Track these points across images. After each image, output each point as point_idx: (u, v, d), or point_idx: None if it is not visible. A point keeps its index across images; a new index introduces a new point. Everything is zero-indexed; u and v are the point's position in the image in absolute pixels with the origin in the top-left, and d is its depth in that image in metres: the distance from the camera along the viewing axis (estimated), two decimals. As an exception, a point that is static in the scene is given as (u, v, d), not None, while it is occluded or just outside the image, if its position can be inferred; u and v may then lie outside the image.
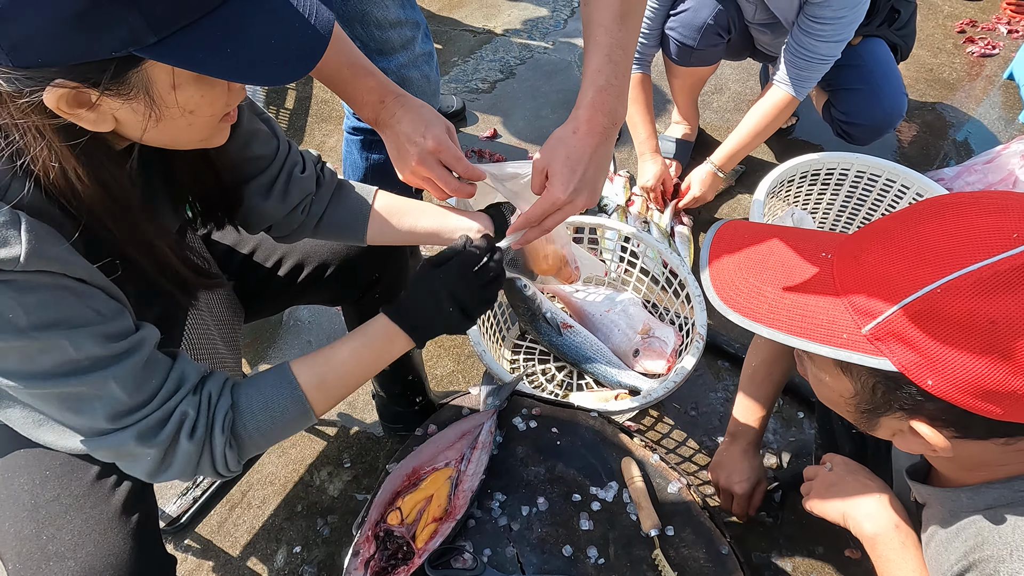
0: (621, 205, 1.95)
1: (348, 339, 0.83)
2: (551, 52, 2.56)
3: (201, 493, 1.42)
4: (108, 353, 0.65)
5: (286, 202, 0.93)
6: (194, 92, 0.62)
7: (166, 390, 0.71)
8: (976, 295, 0.54)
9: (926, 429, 0.62)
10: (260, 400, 0.77)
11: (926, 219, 0.59)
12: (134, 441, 0.68)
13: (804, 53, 1.60)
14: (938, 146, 2.16)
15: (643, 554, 0.93)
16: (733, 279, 0.68)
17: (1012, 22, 2.59)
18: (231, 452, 0.75)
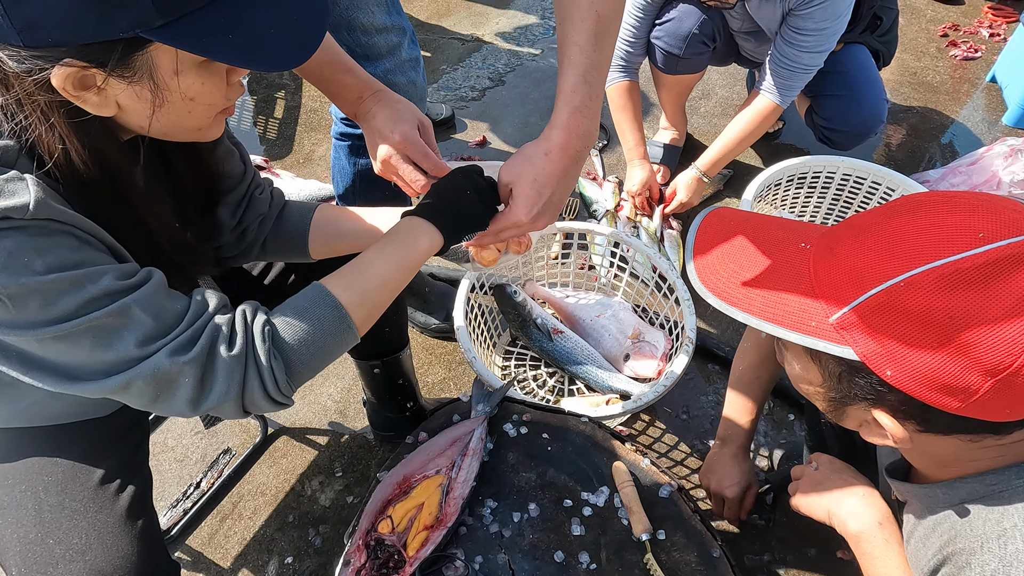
0: (610, 210, 1.96)
1: (378, 246, 0.81)
2: (540, 59, 2.57)
3: (192, 505, 1.41)
4: (124, 285, 0.65)
5: (242, 221, 0.95)
6: (195, 79, 0.64)
7: (193, 312, 0.70)
8: (937, 291, 0.55)
9: (887, 420, 0.64)
10: (294, 311, 0.75)
11: (900, 215, 0.61)
12: (167, 359, 0.66)
13: (787, 63, 1.62)
14: (923, 148, 2.18)
15: (635, 558, 0.93)
16: (715, 264, 0.70)
17: (993, 26, 2.63)
18: (277, 364, 0.71)
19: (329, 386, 1.63)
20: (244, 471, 1.47)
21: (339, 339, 0.77)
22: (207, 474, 1.46)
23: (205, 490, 1.43)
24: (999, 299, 0.54)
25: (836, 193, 1.76)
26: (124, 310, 0.64)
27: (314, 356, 0.75)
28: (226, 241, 0.96)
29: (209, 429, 1.55)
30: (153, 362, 0.66)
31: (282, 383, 0.72)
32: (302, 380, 0.75)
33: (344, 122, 1.36)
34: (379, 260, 0.80)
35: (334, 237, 0.99)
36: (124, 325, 0.65)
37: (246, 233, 0.97)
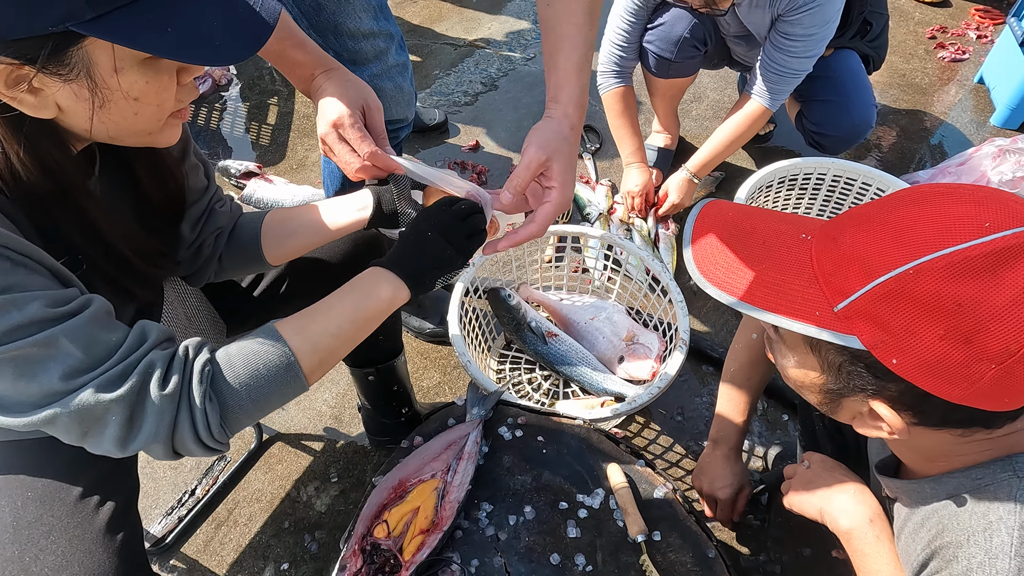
0: (603, 213, 1.97)
1: (340, 295, 0.78)
2: (532, 64, 2.58)
3: (186, 512, 1.40)
4: (55, 313, 0.62)
5: (200, 235, 0.94)
6: (138, 77, 0.62)
7: (128, 345, 0.66)
8: (945, 278, 0.55)
9: (885, 410, 0.64)
10: (241, 353, 0.71)
11: (905, 205, 0.61)
12: (93, 397, 0.62)
13: (777, 68, 1.64)
14: (913, 149, 2.20)
15: (631, 560, 0.94)
16: (713, 254, 0.70)
17: (981, 28, 2.65)
18: (212, 409, 0.68)
19: (324, 392, 1.63)
20: (239, 477, 1.47)
21: (285, 387, 0.73)
22: (202, 481, 1.46)
23: (200, 497, 1.43)
24: (1006, 287, 0.54)
25: (827, 194, 1.77)
26: (51, 340, 0.61)
27: (255, 402, 0.71)
28: (183, 257, 0.94)
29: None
30: (78, 398, 0.62)
31: (215, 428, 0.68)
32: (239, 427, 0.71)
33: None
34: (338, 309, 0.76)
35: (284, 236, 0.97)
36: (50, 356, 0.62)
37: (202, 248, 0.95)
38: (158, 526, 1.38)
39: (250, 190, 2.06)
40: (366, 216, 0.96)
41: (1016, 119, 2.23)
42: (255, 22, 0.63)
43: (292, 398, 0.74)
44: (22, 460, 0.84)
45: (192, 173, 0.91)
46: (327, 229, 0.97)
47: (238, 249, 0.98)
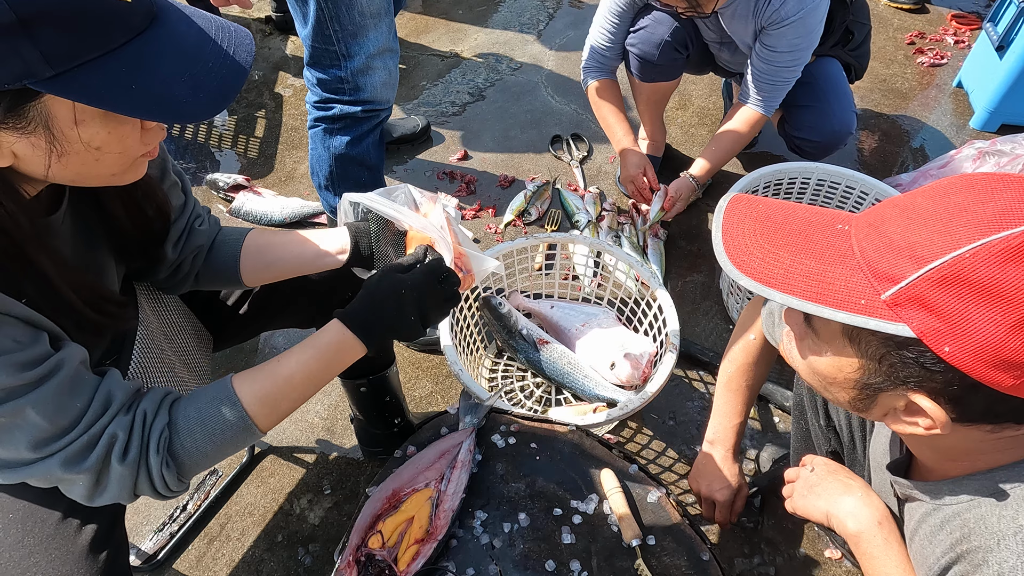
0: (592, 220, 1.98)
1: (297, 350, 0.80)
2: (519, 74, 2.60)
3: (178, 528, 1.39)
4: (22, 382, 0.63)
5: (182, 252, 0.94)
6: (99, 128, 0.60)
7: (92, 412, 0.68)
8: (1004, 261, 0.54)
9: (928, 403, 0.61)
10: (198, 417, 0.74)
11: (952, 191, 0.60)
12: (60, 469, 0.66)
13: (767, 78, 1.67)
14: (895, 153, 2.24)
15: (625, 565, 0.94)
16: (747, 245, 0.67)
17: (958, 33, 2.70)
18: (168, 472, 0.72)
19: (316, 404, 1.62)
20: (231, 492, 1.46)
21: (240, 441, 0.77)
22: (193, 496, 1.45)
23: (192, 512, 1.42)
24: None
25: (812, 198, 1.80)
26: (17, 411, 0.63)
27: (209, 459, 0.76)
28: (162, 276, 0.94)
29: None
30: (45, 467, 0.66)
31: (172, 484, 0.73)
32: (194, 475, 0.77)
33: (317, 106, 1.41)
34: (300, 374, 0.79)
35: (262, 265, 0.99)
36: (16, 426, 0.63)
37: (182, 267, 0.95)
38: (150, 542, 1.36)
39: (239, 203, 2.06)
40: (343, 260, 0.97)
41: (995, 122, 2.28)
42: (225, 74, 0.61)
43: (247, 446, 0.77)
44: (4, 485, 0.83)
45: (171, 192, 0.90)
46: (304, 267, 0.98)
47: (216, 269, 0.98)
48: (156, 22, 0.60)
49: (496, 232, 2.00)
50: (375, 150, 1.49)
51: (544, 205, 2.07)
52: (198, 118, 0.61)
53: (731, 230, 0.69)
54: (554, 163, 2.23)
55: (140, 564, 1.33)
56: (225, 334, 1.12)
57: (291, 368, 0.79)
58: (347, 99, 1.38)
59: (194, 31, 0.62)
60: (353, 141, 1.44)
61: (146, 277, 0.96)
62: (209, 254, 0.97)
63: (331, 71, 1.35)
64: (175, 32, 0.60)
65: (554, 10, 2.93)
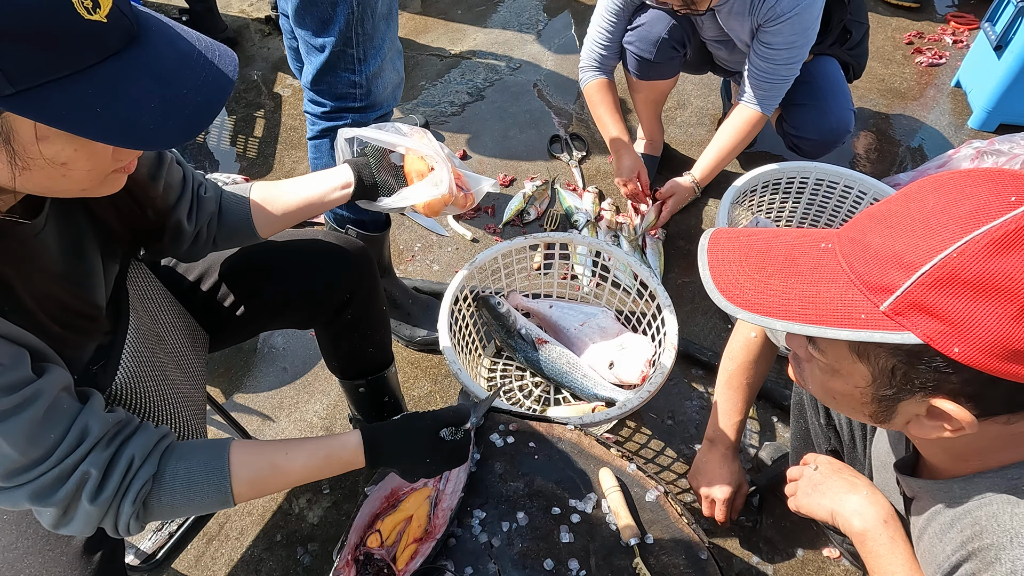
0: (591, 220, 1.98)
1: (307, 450, 0.82)
2: (518, 74, 2.60)
3: (177, 528, 1.39)
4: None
5: (198, 222, 0.96)
6: (64, 146, 0.58)
7: (66, 445, 0.67)
8: (991, 255, 0.54)
9: (950, 406, 0.61)
10: (185, 479, 0.75)
11: (924, 195, 0.60)
12: (27, 500, 0.66)
13: (765, 76, 1.67)
14: (893, 152, 2.24)
15: (624, 563, 0.94)
16: (736, 277, 0.67)
17: (956, 32, 2.71)
18: (136, 522, 0.73)
19: (315, 403, 1.62)
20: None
21: (210, 509, 0.79)
22: (192, 496, 1.44)
23: (191, 512, 1.42)
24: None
25: (811, 197, 1.80)
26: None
27: (176, 516, 0.79)
28: (185, 248, 0.97)
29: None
30: (12, 497, 0.66)
31: (133, 530, 0.74)
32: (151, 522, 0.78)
33: (325, 116, 1.38)
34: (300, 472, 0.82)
35: (274, 218, 1.01)
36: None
37: (200, 235, 0.97)
38: (148, 542, 1.36)
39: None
40: (349, 192, 1.00)
41: (993, 121, 2.28)
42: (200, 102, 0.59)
43: None
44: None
45: (171, 170, 0.91)
46: (313, 208, 1.01)
47: (231, 229, 1.01)
48: (136, 43, 0.57)
49: (495, 232, 2.01)
50: None
51: (543, 205, 2.07)
52: (165, 146, 0.58)
53: (717, 264, 0.69)
54: (553, 163, 2.23)
55: (139, 564, 1.33)
56: (223, 335, 1.12)
57: (295, 467, 0.81)
58: (358, 106, 1.35)
59: (174, 54, 0.59)
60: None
61: (170, 252, 0.98)
62: (220, 217, 0.99)
63: (345, 75, 1.32)
64: (155, 55, 0.58)
65: (553, 10, 2.93)
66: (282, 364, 1.71)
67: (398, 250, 1.97)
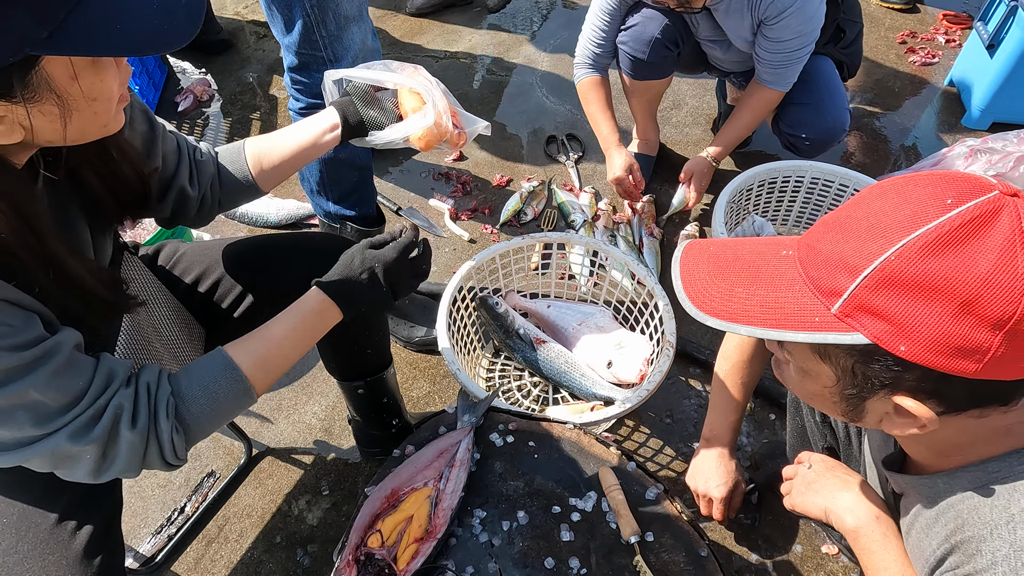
0: (588, 220, 1.99)
1: (281, 317, 0.87)
2: (514, 75, 2.61)
3: (176, 530, 1.39)
4: (20, 363, 0.63)
5: (200, 186, 0.98)
6: (93, 78, 0.63)
7: (95, 388, 0.69)
8: (927, 256, 0.57)
9: (910, 402, 0.63)
10: (200, 384, 0.78)
11: (870, 200, 0.63)
12: (67, 441, 0.67)
13: (779, 60, 1.67)
14: (887, 151, 2.25)
15: (624, 561, 0.94)
16: (705, 287, 0.71)
17: (949, 32, 2.72)
18: (179, 437, 0.75)
19: (314, 404, 1.62)
20: (229, 493, 1.46)
21: (239, 405, 0.81)
22: (191, 498, 1.44)
23: (190, 515, 1.41)
24: (984, 253, 0.56)
25: (806, 196, 1.81)
26: (20, 393, 0.63)
27: (213, 424, 0.79)
28: (193, 213, 0.98)
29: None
30: (52, 443, 0.66)
31: (180, 451, 0.76)
32: (197, 442, 0.80)
33: (302, 112, 1.40)
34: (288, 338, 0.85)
35: (271, 169, 1.02)
36: (20, 406, 0.64)
37: (205, 199, 0.99)
38: (147, 545, 1.36)
39: (234, 205, 2.06)
40: (338, 134, 1.02)
41: (985, 120, 2.29)
42: None
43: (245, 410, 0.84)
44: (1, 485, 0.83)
45: (165, 140, 0.93)
46: (307, 154, 1.03)
47: (233, 188, 1.02)
48: None
49: (492, 232, 2.01)
50: (363, 150, 1.48)
51: (540, 205, 2.08)
52: (182, 42, 0.62)
53: (689, 274, 0.73)
54: (549, 163, 2.24)
55: (138, 567, 1.33)
56: (220, 336, 1.12)
57: (280, 333, 0.85)
58: None
59: None
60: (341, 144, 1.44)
61: (180, 220, 0.99)
62: (220, 178, 1.01)
63: (318, 76, 1.33)
64: None
65: (548, 11, 2.94)
66: (280, 366, 1.71)
67: (395, 251, 1.97)
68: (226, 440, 1.55)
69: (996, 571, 0.62)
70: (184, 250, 1.11)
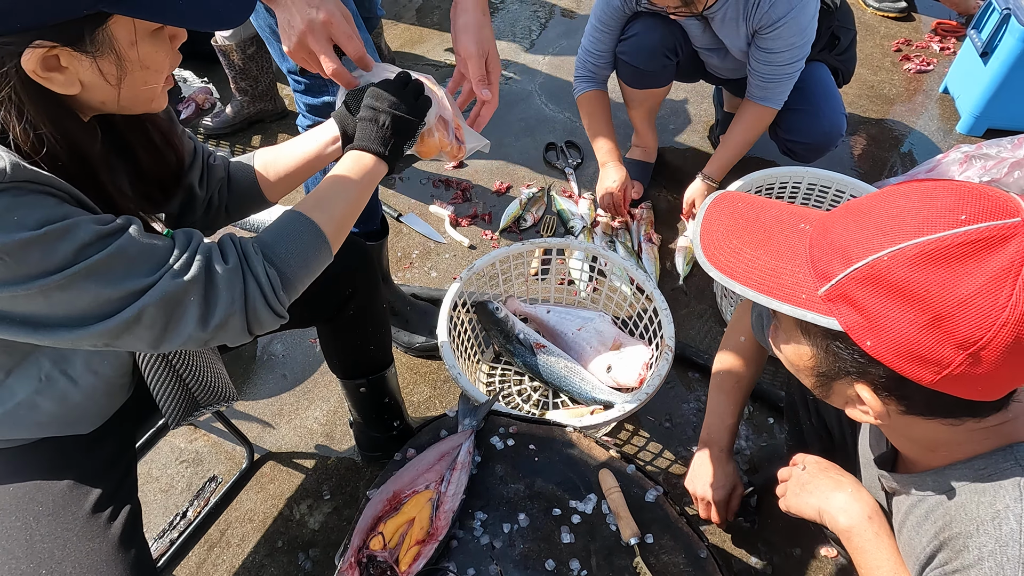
0: (587, 226, 2.01)
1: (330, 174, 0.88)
2: (513, 83, 2.63)
3: (178, 535, 1.39)
4: (110, 229, 0.68)
5: (208, 188, 1.00)
6: (150, 47, 0.69)
7: (181, 242, 0.73)
8: (916, 265, 0.58)
9: (867, 394, 0.67)
10: (276, 231, 0.80)
11: (894, 197, 0.64)
12: (172, 282, 0.70)
13: (770, 77, 1.70)
14: (884, 158, 2.27)
15: (624, 563, 0.95)
16: (719, 240, 0.73)
17: (943, 40, 2.75)
18: (272, 273, 0.76)
19: (315, 409, 1.63)
20: (231, 498, 1.46)
21: (318, 253, 0.82)
22: (193, 503, 1.45)
23: (192, 519, 1.42)
24: (973, 276, 0.56)
25: (803, 202, 1.82)
26: (120, 250, 0.67)
27: (301, 268, 0.79)
28: (199, 216, 1.00)
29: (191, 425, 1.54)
30: (160, 288, 0.69)
31: (279, 291, 0.76)
32: (294, 292, 0.80)
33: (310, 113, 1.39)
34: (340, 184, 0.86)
35: (278, 180, 1.04)
36: (121, 263, 0.68)
37: (212, 202, 1.01)
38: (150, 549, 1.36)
39: (236, 212, 2.07)
40: (339, 148, 1.02)
41: (980, 126, 2.31)
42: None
43: (324, 266, 0.84)
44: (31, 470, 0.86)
45: (182, 138, 0.95)
46: (312, 165, 1.03)
47: (242, 195, 1.04)
48: None
49: (492, 239, 2.02)
50: None
51: (539, 212, 2.09)
52: (235, 22, 0.69)
53: (708, 225, 0.75)
54: (548, 170, 2.26)
55: (140, 571, 1.34)
56: None
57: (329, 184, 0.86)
58: None
59: None
60: None
61: (186, 219, 1.00)
62: (230, 184, 1.03)
63: (321, 98, 1.34)
64: None
65: (546, 20, 2.97)
66: (281, 371, 1.72)
67: (396, 257, 1.99)
68: (228, 445, 1.56)
69: (983, 566, 0.63)
70: None
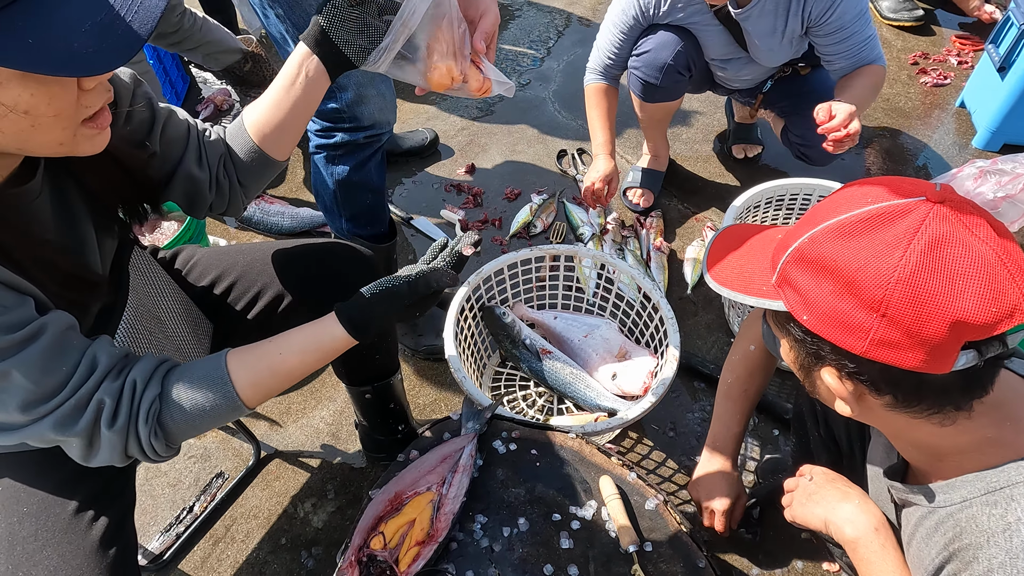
0: (596, 233, 2.01)
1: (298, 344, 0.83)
2: (527, 89, 2.65)
3: (184, 529, 1.41)
4: (6, 344, 0.63)
5: (210, 166, 0.94)
6: (21, 90, 0.58)
7: (79, 376, 0.69)
8: (828, 241, 0.67)
9: (829, 377, 0.71)
10: (189, 394, 0.76)
11: (837, 193, 0.72)
12: (52, 432, 0.68)
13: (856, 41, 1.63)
14: (897, 171, 2.26)
15: (622, 570, 0.96)
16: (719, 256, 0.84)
17: (961, 54, 2.73)
18: (157, 441, 0.75)
19: (322, 409, 1.65)
20: (237, 494, 1.48)
21: (226, 418, 0.80)
22: (200, 498, 1.47)
23: (198, 514, 1.44)
24: (873, 245, 0.64)
25: (813, 214, 1.82)
26: (4, 374, 0.64)
27: (196, 430, 0.79)
28: (210, 197, 0.96)
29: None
30: (38, 430, 0.68)
31: (161, 450, 0.76)
32: (178, 443, 0.80)
33: (318, 134, 1.41)
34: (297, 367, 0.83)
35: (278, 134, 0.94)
36: (4, 389, 0.65)
37: (219, 180, 0.96)
38: (156, 543, 1.39)
39: (250, 212, 2.10)
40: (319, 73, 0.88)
41: (996, 141, 2.30)
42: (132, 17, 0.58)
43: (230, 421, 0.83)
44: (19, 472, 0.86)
45: (170, 123, 0.90)
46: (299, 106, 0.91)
47: (247, 164, 0.96)
48: None
49: (502, 244, 2.04)
50: (377, 172, 1.49)
51: (549, 218, 2.10)
52: (104, 69, 0.58)
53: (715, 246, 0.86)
54: (559, 177, 2.27)
55: (146, 564, 1.36)
56: (233, 336, 1.15)
57: (292, 364, 0.83)
58: (347, 127, 1.37)
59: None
60: (356, 167, 1.44)
61: (199, 207, 0.96)
62: (232, 156, 0.96)
63: (328, 104, 1.33)
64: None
65: (563, 27, 2.98)
66: (290, 370, 1.74)
67: (406, 260, 2.00)
68: (235, 442, 1.58)
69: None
70: (200, 255, 1.14)
